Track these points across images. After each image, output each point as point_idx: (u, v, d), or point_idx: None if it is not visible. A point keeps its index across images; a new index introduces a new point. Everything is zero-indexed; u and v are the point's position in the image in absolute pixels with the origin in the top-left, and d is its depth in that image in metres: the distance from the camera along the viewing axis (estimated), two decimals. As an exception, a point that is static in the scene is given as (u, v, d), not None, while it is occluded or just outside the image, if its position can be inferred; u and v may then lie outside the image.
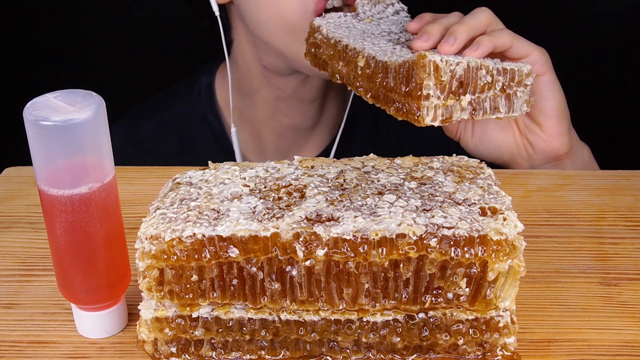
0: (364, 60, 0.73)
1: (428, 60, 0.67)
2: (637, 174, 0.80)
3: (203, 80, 1.06)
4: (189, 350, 0.54)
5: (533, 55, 0.77)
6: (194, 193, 0.55)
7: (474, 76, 0.70)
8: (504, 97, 0.73)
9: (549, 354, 0.56)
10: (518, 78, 0.73)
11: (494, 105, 0.72)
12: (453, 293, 0.52)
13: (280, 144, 1.03)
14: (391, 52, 0.73)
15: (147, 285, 0.52)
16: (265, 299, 0.52)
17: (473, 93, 0.70)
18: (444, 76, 0.68)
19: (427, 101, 0.68)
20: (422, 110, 0.68)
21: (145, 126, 1.07)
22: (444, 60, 0.67)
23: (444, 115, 0.69)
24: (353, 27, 0.81)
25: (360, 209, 0.53)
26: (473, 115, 0.71)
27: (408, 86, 0.69)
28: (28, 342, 0.57)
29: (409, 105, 0.69)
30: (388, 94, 0.71)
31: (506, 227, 0.51)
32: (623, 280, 0.64)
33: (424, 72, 0.67)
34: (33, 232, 0.71)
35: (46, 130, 0.51)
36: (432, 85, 0.68)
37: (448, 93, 0.69)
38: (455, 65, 0.68)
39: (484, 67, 0.70)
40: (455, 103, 0.70)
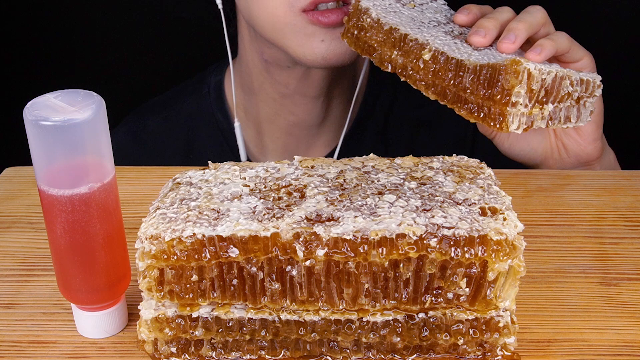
0: (430, 54, 0.70)
1: (523, 67, 0.64)
2: (637, 174, 0.80)
3: (212, 79, 1.06)
4: (189, 350, 0.54)
5: (584, 59, 0.76)
6: (194, 193, 0.55)
7: (557, 86, 0.67)
8: (576, 107, 0.71)
9: (549, 354, 0.56)
10: (591, 89, 0.71)
11: (567, 115, 0.71)
12: (453, 293, 0.52)
13: (288, 142, 1.03)
14: (456, 47, 0.71)
15: (147, 285, 0.52)
16: (265, 299, 0.52)
17: (554, 102, 0.68)
18: (535, 85, 0.65)
19: (514, 108, 0.65)
20: (508, 117, 0.66)
21: (152, 123, 1.07)
22: (537, 69, 0.65)
23: (526, 124, 0.67)
24: (401, 13, 0.77)
25: (360, 209, 0.53)
26: (549, 124, 0.69)
27: (490, 90, 0.66)
28: (28, 342, 0.57)
29: (488, 110, 0.66)
30: (460, 93, 0.68)
31: (506, 227, 0.51)
32: (623, 280, 0.64)
33: (516, 79, 0.64)
34: (33, 232, 0.71)
35: (46, 130, 0.51)
36: (522, 93, 0.65)
37: (535, 102, 0.67)
38: (546, 74, 0.66)
39: (568, 77, 0.68)
40: (538, 112, 0.67)
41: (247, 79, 1.01)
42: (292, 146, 1.03)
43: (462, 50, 0.70)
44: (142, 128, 1.07)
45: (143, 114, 1.09)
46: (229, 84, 1.04)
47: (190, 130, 1.06)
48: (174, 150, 1.06)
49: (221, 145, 1.04)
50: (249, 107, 1.02)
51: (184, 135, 1.06)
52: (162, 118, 1.07)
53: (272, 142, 1.03)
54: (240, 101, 1.02)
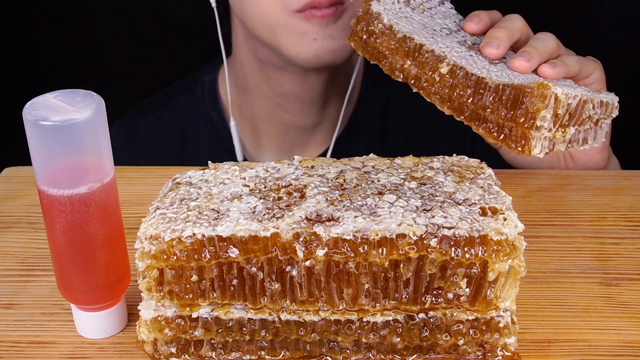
0: (448, 68, 0.67)
1: (551, 91, 0.63)
2: (638, 174, 0.80)
3: (206, 78, 1.06)
4: (189, 351, 0.54)
5: (595, 74, 0.76)
6: (193, 193, 0.55)
7: (581, 109, 0.66)
8: (594, 129, 0.70)
9: (549, 354, 0.56)
10: (609, 110, 0.71)
11: (585, 137, 0.70)
12: (453, 293, 0.52)
13: (284, 140, 1.03)
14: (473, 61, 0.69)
15: (146, 286, 0.52)
16: (265, 299, 0.52)
17: (575, 125, 0.67)
18: (560, 109, 0.64)
19: (538, 132, 0.64)
20: (532, 141, 0.64)
21: (145, 123, 1.07)
22: (564, 93, 0.64)
23: (548, 147, 0.66)
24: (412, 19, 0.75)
25: (360, 209, 0.53)
26: (568, 146, 0.68)
27: (513, 111, 0.64)
28: (27, 343, 0.57)
29: (509, 131, 0.65)
30: (479, 111, 0.67)
31: (506, 227, 0.51)
32: (623, 281, 0.64)
33: (542, 102, 0.63)
34: (32, 232, 0.71)
35: (46, 130, 0.51)
36: (548, 117, 0.64)
37: (559, 126, 0.65)
38: (572, 98, 0.65)
39: (591, 100, 0.67)
40: (561, 135, 0.66)
41: (241, 77, 1.00)
42: (288, 144, 1.03)
43: (479, 65, 0.69)
44: (135, 128, 1.07)
45: (136, 114, 1.09)
46: (223, 82, 1.04)
47: (184, 130, 1.06)
48: (167, 150, 1.06)
49: (215, 144, 1.04)
50: (244, 105, 1.02)
51: (177, 134, 1.06)
52: (155, 118, 1.07)
53: (268, 141, 1.03)
54: (235, 100, 1.02)
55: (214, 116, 1.04)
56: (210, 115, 1.04)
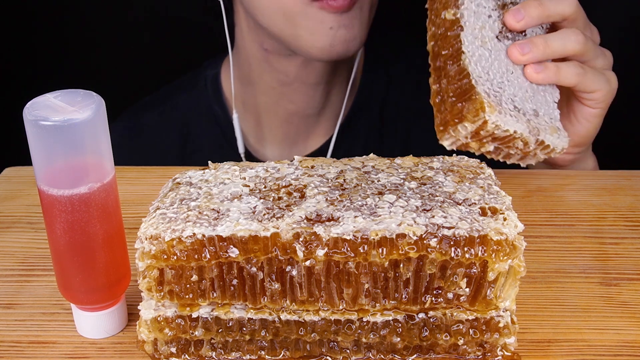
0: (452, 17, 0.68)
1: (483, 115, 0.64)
2: (638, 174, 0.80)
3: (209, 73, 1.07)
4: (189, 351, 0.54)
5: (597, 93, 0.74)
6: (193, 193, 0.55)
7: (509, 139, 0.68)
8: (521, 155, 0.72)
9: (549, 354, 0.56)
10: (548, 151, 0.71)
11: (508, 155, 0.71)
12: (453, 293, 0.52)
13: (287, 132, 1.03)
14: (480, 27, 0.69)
15: (147, 286, 0.52)
16: (265, 299, 0.52)
17: (498, 143, 0.69)
18: (483, 132, 0.66)
19: (454, 132, 0.66)
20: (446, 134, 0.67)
21: (148, 118, 1.08)
22: (495, 124, 0.65)
23: (460, 147, 0.69)
24: None
25: (360, 209, 0.53)
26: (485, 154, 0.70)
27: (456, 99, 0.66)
28: (28, 342, 0.57)
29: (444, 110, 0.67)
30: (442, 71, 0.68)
31: (506, 227, 0.51)
32: (623, 281, 0.64)
33: (472, 117, 0.65)
34: (33, 232, 0.71)
35: (46, 130, 0.51)
36: (469, 130, 0.66)
37: (477, 140, 0.68)
38: (502, 131, 0.66)
39: (523, 140, 0.68)
40: (476, 145, 0.69)
41: (245, 69, 1.01)
42: (291, 135, 1.03)
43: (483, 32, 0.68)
44: (138, 123, 1.08)
45: (139, 110, 1.09)
46: (225, 77, 1.05)
47: (187, 124, 1.06)
48: (170, 144, 1.06)
49: (218, 138, 1.05)
50: (247, 98, 1.02)
51: (180, 129, 1.07)
52: (158, 113, 1.08)
53: (271, 132, 1.03)
54: (238, 93, 1.03)
55: (217, 110, 1.05)
56: (213, 110, 1.05)
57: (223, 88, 1.05)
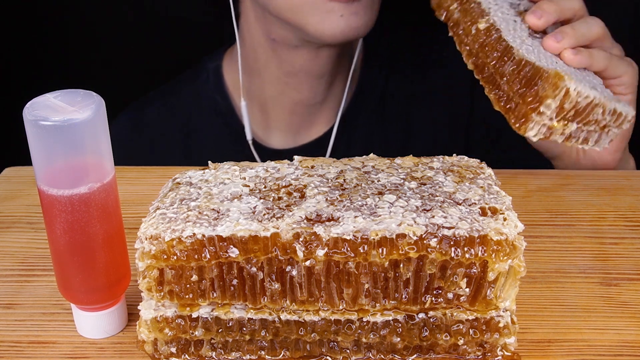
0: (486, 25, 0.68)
1: (564, 84, 0.63)
2: (638, 174, 0.80)
3: (210, 65, 1.08)
4: (189, 351, 0.54)
5: (624, 77, 0.76)
6: (193, 193, 0.55)
7: (590, 110, 0.67)
8: (599, 133, 0.70)
9: (549, 354, 0.56)
10: (620, 121, 0.70)
11: (586, 137, 0.70)
12: (453, 293, 0.52)
13: (291, 121, 1.04)
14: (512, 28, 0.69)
15: (147, 286, 0.52)
16: (265, 299, 0.52)
17: (579, 123, 0.68)
18: (567, 104, 0.65)
19: (539, 117, 0.65)
20: (530, 123, 0.65)
21: (151, 111, 1.09)
22: (576, 90, 0.64)
23: (544, 134, 0.67)
24: None
25: (360, 209, 0.53)
26: (566, 140, 0.68)
27: (526, 89, 0.65)
28: (28, 342, 0.57)
29: (516, 107, 0.66)
30: (496, 77, 0.67)
31: (506, 227, 0.51)
32: (623, 281, 0.64)
33: (553, 91, 0.64)
34: (33, 232, 0.71)
35: (46, 130, 0.51)
36: (553, 107, 0.64)
37: (561, 118, 0.66)
38: (583, 97, 0.65)
39: (602, 105, 0.67)
40: (561, 127, 0.67)
41: (250, 60, 1.02)
42: (295, 124, 1.04)
43: (517, 33, 0.69)
44: (141, 117, 1.09)
45: (142, 104, 1.10)
46: (228, 68, 1.06)
47: (190, 116, 1.08)
48: (174, 136, 1.07)
49: (221, 128, 1.06)
50: (252, 87, 1.03)
51: (183, 121, 1.08)
52: (160, 105, 1.09)
53: (276, 121, 1.05)
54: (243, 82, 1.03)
55: (219, 100, 1.06)
56: (215, 100, 1.06)
57: (225, 79, 1.06)
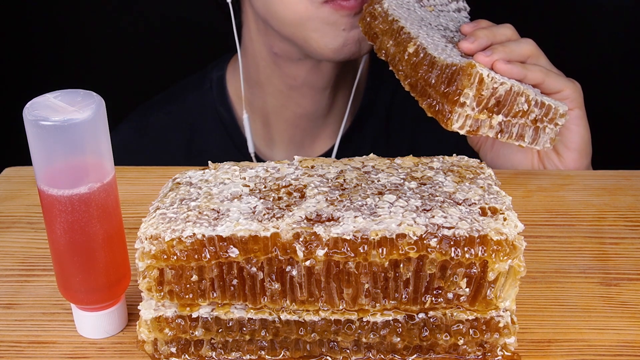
0: (414, 47, 0.73)
1: (476, 70, 0.68)
2: (637, 174, 0.80)
3: (214, 74, 1.07)
4: (189, 351, 0.54)
5: (565, 91, 0.78)
6: (193, 193, 0.55)
7: (512, 100, 0.70)
8: (532, 128, 0.73)
9: (549, 354, 0.56)
10: (552, 115, 0.73)
11: (521, 133, 0.73)
12: (453, 293, 0.52)
13: (293, 134, 1.04)
14: (442, 49, 0.74)
15: (147, 286, 0.52)
16: (265, 299, 0.52)
17: (506, 115, 0.71)
18: (485, 91, 0.69)
19: (462, 109, 0.69)
20: (454, 115, 0.69)
21: (155, 118, 1.09)
22: (490, 76, 0.68)
23: (472, 127, 0.71)
24: (413, 11, 0.81)
25: (360, 209, 0.53)
26: (498, 135, 0.72)
27: (448, 88, 0.69)
28: (28, 342, 0.57)
29: (442, 106, 0.70)
30: (426, 87, 0.72)
31: (506, 227, 0.51)
32: (623, 281, 0.64)
33: (468, 81, 0.68)
34: (33, 232, 0.71)
35: (46, 130, 0.51)
36: (471, 95, 0.69)
37: (483, 108, 0.70)
38: (499, 84, 0.69)
39: (525, 94, 0.71)
40: (486, 119, 0.71)
41: (253, 72, 1.01)
42: (297, 138, 1.04)
43: (446, 53, 0.73)
44: (145, 124, 1.09)
45: (146, 110, 1.10)
46: (231, 79, 1.06)
47: (193, 125, 1.07)
48: (177, 144, 1.07)
49: (224, 138, 1.06)
50: (254, 100, 1.03)
51: (187, 129, 1.07)
52: (165, 113, 1.08)
53: (279, 135, 1.04)
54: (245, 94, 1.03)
55: (222, 112, 1.05)
56: (219, 111, 1.06)
57: (228, 90, 1.06)
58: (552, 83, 0.77)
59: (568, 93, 0.78)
